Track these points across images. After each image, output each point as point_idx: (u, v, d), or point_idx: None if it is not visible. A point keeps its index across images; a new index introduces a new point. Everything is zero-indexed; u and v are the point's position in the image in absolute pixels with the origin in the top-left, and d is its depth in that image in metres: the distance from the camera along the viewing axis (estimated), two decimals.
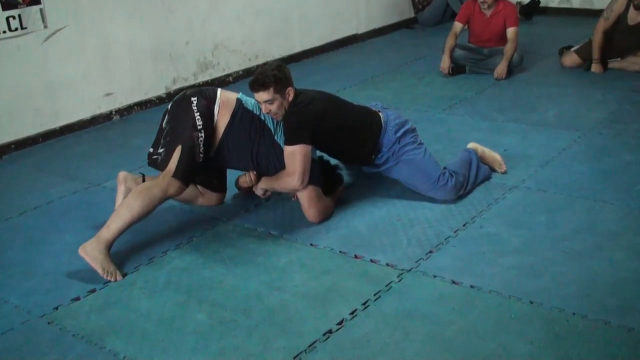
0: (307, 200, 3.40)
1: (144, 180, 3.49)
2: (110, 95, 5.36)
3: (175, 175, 3.22)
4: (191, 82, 5.91)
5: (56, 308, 2.92)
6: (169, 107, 3.41)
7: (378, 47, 7.47)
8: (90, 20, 5.10)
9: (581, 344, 2.48)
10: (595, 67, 5.81)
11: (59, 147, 4.91)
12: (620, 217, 3.38)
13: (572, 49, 6.04)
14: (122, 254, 3.29)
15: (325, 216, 3.48)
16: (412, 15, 8.31)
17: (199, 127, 3.24)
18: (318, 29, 7.12)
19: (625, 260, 2.99)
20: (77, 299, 2.98)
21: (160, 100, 5.69)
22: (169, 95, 5.74)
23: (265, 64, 3.38)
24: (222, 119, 3.33)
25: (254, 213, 3.64)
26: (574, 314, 2.65)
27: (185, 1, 5.73)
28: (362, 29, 7.68)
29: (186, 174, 3.25)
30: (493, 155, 3.95)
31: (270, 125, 3.40)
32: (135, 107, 5.54)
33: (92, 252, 3.05)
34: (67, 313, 2.89)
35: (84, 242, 3.39)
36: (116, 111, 5.42)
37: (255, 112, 3.41)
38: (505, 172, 3.91)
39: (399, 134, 3.58)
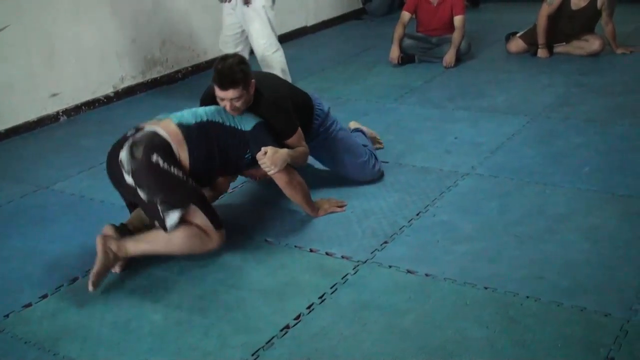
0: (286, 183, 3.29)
1: (128, 229, 3.21)
2: (57, 95, 5.25)
3: (216, 227, 3.07)
4: (139, 80, 5.83)
5: (7, 315, 2.85)
6: (132, 176, 2.96)
7: (328, 38, 7.47)
8: (33, 19, 4.99)
9: (535, 326, 2.52)
10: (541, 52, 5.90)
11: (5, 150, 4.79)
12: (570, 199, 3.44)
13: (518, 34, 6.12)
14: (74, 257, 3.23)
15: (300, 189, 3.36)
16: (361, 6, 8.33)
17: (184, 178, 3.03)
18: None
19: (576, 242, 3.05)
20: (29, 305, 2.91)
21: (108, 100, 5.59)
22: (117, 94, 5.65)
23: (224, 58, 3.18)
24: (182, 154, 3.06)
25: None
26: (527, 297, 2.68)
27: None
28: (311, 21, 7.67)
29: (218, 218, 3.10)
30: (372, 132, 4.11)
31: (229, 122, 3.19)
32: (83, 107, 5.44)
33: (108, 250, 2.95)
34: (18, 320, 2.82)
35: (34, 246, 3.33)
36: (63, 112, 5.31)
37: (199, 120, 3.14)
38: (382, 147, 4.11)
39: (325, 113, 3.61)
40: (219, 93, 3.14)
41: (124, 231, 3.16)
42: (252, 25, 4.83)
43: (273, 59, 4.91)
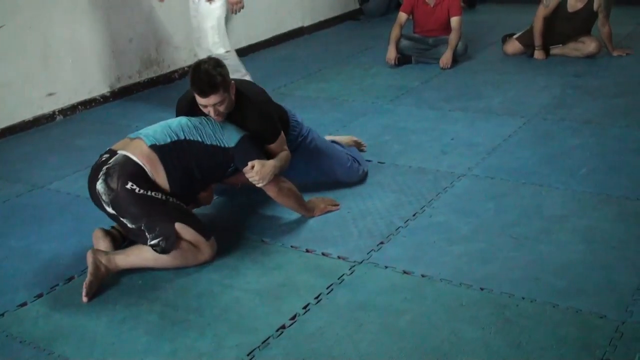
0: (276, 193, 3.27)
1: (120, 235, 3.22)
2: (53, 95, 5.24)
3: (206, 238, 3.06)
4: (136, 79, 5.82)
5: (2, 314, 2.84)
6: (112, 207, 2.95)
7: (324, 39, 7.47)
8: (29, 19, 4.98)
9: (531, 327, 2.52)
10: (537, 54, 5.91)
11: (0, 150, 4.78)
12: (565, 200, 3.45)
13: (514, 36, 6.13)
14: (70, 257, 3.22)
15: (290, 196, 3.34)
16: (358, 6, 8.33)
17: (164, 198, 3.00)
18: (263, 22, 7.08)
19: (571, 243, 3.05)
20: (24, 304, 2.91)
21: (104, 99, 5.59)
22: (113, 94, 5.65)
23: (197, 65, 3.07)
24: (158, 176, 3.02)
25: (203, 210, 3.60)
26: (523, 298, 2.69)
27: None
28: (307, 21, 7.67)
29: (206, 229, 3.08)
30: (349, 138, 4.00)
31: (210, 140, 3.10)
32: (79, 107, 5.43)
33: (98, 263, 2.94)
34: (13, 319, 2.81)
35: (29, 246, 3.33)
36: (59, 111, 5.30)
37: (174, 138, 3.05)
38: (365, 149, 4.02)
39: (300, 123, 3.58)
40: (201, 100, 3.07)
41: (115, 234, 3.18)
42: (207, 22, 4.83)
43: (223, 57, 4.49)
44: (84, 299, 2.86)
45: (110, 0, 5.50)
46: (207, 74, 3.01)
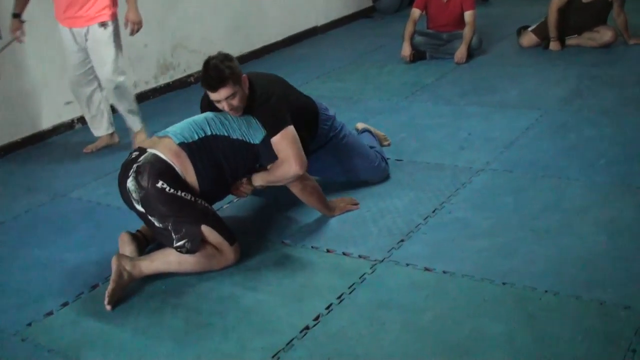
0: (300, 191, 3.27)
1: (145, 239, 3.27)
2: (71, 103, 5.28)
3: (231, 243, 3.08)
4: (152, 85, 5.87)
5: (29, 324, 2.88)
6: (141, 204, 2.98)
7: (338, 38, 7.48)
8: (45, 29, 5.01)
9: (555, 320, 2.51)
10: (553, 45, 5.88)
11: (21, 160, 4.84)
12: (586, 192, 3.43)
13: (529, 28, 6.10)
14: (94, 264, 3.26)
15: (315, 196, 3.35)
16: (371, 4, 8.32)
17: (193, 200, 3.01)
18: (277, 23, 7.10)
19: (593, 235, 3.03)
20: (50, 313, 2.94)
21: None
22: None
23: (207, 61, 3.06)
24: (188, 174, 3.03)
25: (223, 213, 3.62)
26: (546, 291, 2.68)
27: (140, 2, 5.64)
28: (321, 21, 7.68)
29: (232, 234, 3.11)
30: (378, 132, 4.10)
31: (236, 135, 3.12)
32: None
33: (122, 269, 2.96)
34: (41, 329, 2.85)
35: (53, 255, 3.36)
36: (78, 119, 5.34)
37: (202, 134, 3.08)
38: (389, 145, 4.10)
39: (332, 119, 3.55)
40: (213, 96, 3.07)
41: (140, 238, 3.20)
42: (106, 50, 4.40)
43: (125, 84, 4.51)
44: (107, 307, 2.89)
45: (123, 6, 5.53)
46: (215, 68, 3.02)
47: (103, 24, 4.38)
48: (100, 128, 4.76)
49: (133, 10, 4.47)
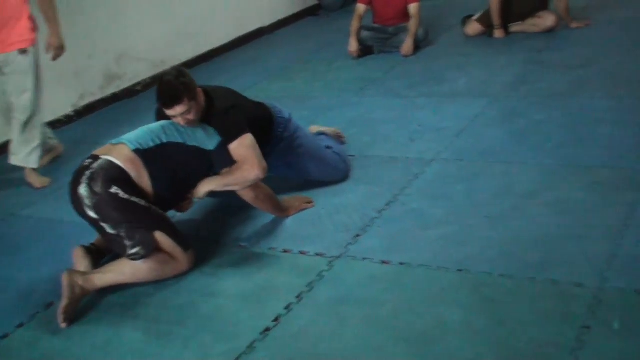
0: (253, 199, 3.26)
1: (99, 252, 3.22)
2: None
3: (185, 249, 3.05)
4: (99, 96, 5.78)
5: None
6: (94, 211, 2.93)
7: (286, 37, 7.47)
8: None
9: (511, 303, 2.55)
10: (497, 33, 5.95)
11: None
12: (535, 176, 3.48)
13: (474, 17, 6.17)
14: (47, 282, 3.19)
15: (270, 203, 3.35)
16: (316, 1, 8.33)
17: (147, 206, 2.98)
18: (223, 26, 7.05)
19: (544, 217, 3.08)
20: (6, 336, 2.88)
21: (68, 119, 5.54)
22: (78, 113, 5.60)
23: (161, 77, 3.10)
24: (142, 181, 3.01)
25: (177, 218, 3.59)
26: (501, 275, 2.71)
27: (82, 12, 5.57)
28: (267, 21, 7.65)
29: (186, 240, 3.08)
30: (332, 129, 4.08)
31: (191, 142, 3.11)
32: None
33: (74, 284, 2.90)
34: None
35: (5, 275, 3.30)
36: None
37: (157, 142, 3.06)
38: (345, 143, 4.08)
39: (286, 120, 3.54)
40: (168, 112, 3.07)
41: (94, 251, 3.15)
42: (27, 79, 4.15)
43: (40, 119, 4.33)
44: (62, 325, 2.83)
45: (65, 16, 5.44)
46: (169, 85, 3.03)
47: (23, 51, 4.11)
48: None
49: (55, 35, 4.23)
